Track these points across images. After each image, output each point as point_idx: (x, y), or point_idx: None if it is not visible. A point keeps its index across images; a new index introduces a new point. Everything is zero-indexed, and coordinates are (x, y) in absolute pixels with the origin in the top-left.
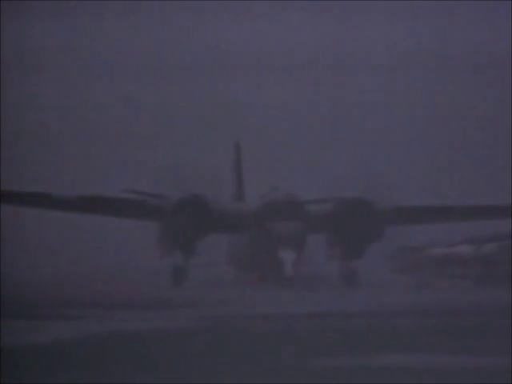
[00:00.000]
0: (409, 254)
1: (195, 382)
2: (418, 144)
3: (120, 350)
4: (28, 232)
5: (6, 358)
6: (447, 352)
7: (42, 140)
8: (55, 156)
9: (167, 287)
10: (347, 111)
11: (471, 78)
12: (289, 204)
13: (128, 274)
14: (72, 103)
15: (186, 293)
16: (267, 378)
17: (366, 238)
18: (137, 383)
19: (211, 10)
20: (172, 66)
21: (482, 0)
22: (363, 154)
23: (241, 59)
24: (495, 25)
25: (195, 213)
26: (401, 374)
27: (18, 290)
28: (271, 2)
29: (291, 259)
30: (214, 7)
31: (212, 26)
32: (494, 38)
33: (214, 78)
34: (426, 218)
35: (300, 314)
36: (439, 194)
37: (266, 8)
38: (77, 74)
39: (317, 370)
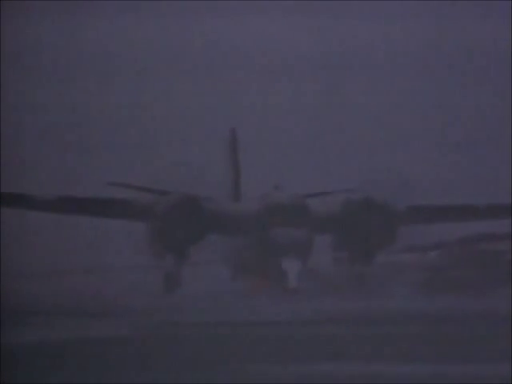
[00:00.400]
0: None
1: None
2: (418, 143)
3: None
4: (28, 233)
5: (6, 357)
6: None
7: (41, 140)
8: (53, 156)
9: (152, 294)
10: (351, 110)
11: (471, 77)
12: (294, 207)
13: (125, 279)
14: (71, 103)
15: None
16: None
17: (376, 241)
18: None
19: (211, 9)
20: (171, 66)
21: (482, 0)
22: (369, 153)
23: (240, 58)
24: (495, 25)
25: (189, 215)
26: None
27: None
28: (271, 2)
29: (295, 270)
30: (213, 7)
31: (211, 26)
32: (494, 37)
33: (213, 78)
34: (440, 218)
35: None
36: (446, 193)
37: (265, 8)
38: (77, 73)
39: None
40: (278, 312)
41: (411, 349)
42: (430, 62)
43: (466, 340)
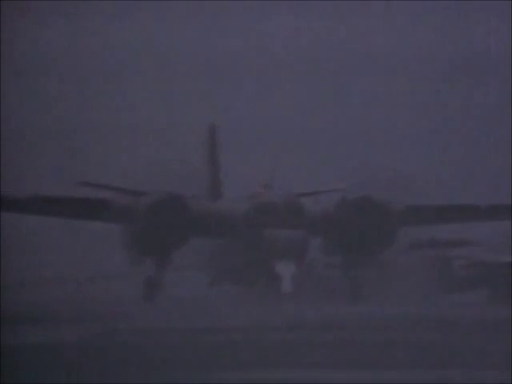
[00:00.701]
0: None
1: None
2: (418, 143)
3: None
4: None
5: (6, 358)
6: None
7: (40, 140)
8: (40, 155)
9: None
10: (349, 109)
11: (471, 77)
12: (288, 207)
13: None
14: (70, 103)
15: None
16: None
17: (373, 244)
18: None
19: (209, 9)
20: (164, 66)
21: (482, 0)
22: (367, 152)
23: (236, 58)
24: (495, 25)
25: (172, 216)
26: None
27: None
28: (270, 2)
29: (290, 274)
30: (212, 7)
31: (210, 26)
32: (494, 38)
33: (211, 79)
34: (440, 219)
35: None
36: (445, 194)
37: (262, 8)
38: (76, 74)
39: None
40: (270, 317)
41: (406, 355)
42: (429, 61)
43: (462, 346)
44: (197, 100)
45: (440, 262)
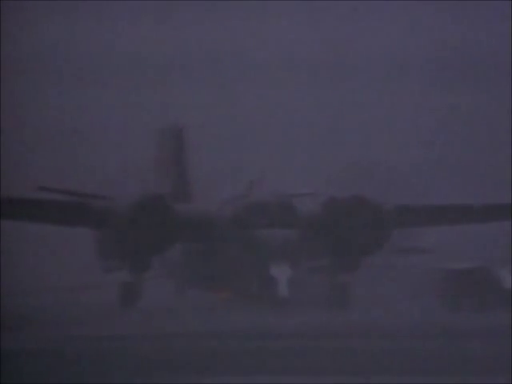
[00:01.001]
0: None
1: None
2: (418, 143)
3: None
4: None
5: (6, 359)
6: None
7: (40, 140)
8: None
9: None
10: (345, 109)
11: (470, 77)
12: (280, 206)
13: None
14: (70, 103)
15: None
16: None
17: (362, 246)
18: None
19: (208, 9)
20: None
21: (482, 0)
22: (361, 151)
23: (233, 58)
24: (495, 25)
25: (155, 217)
26: None
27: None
28: (269, 2)
29: (287, 276)
30: (211, 7)
31: (208, 26)
32: (493, 38)
33: (212, 78)
34: (435, 220)
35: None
36: (442, 194)
37: (259, 7)
38: (76, 74)
39: None
40: (259, 324)
41: (405, 361)
42: (429, 61)
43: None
44: (171, 100)
45: (401, 269)
